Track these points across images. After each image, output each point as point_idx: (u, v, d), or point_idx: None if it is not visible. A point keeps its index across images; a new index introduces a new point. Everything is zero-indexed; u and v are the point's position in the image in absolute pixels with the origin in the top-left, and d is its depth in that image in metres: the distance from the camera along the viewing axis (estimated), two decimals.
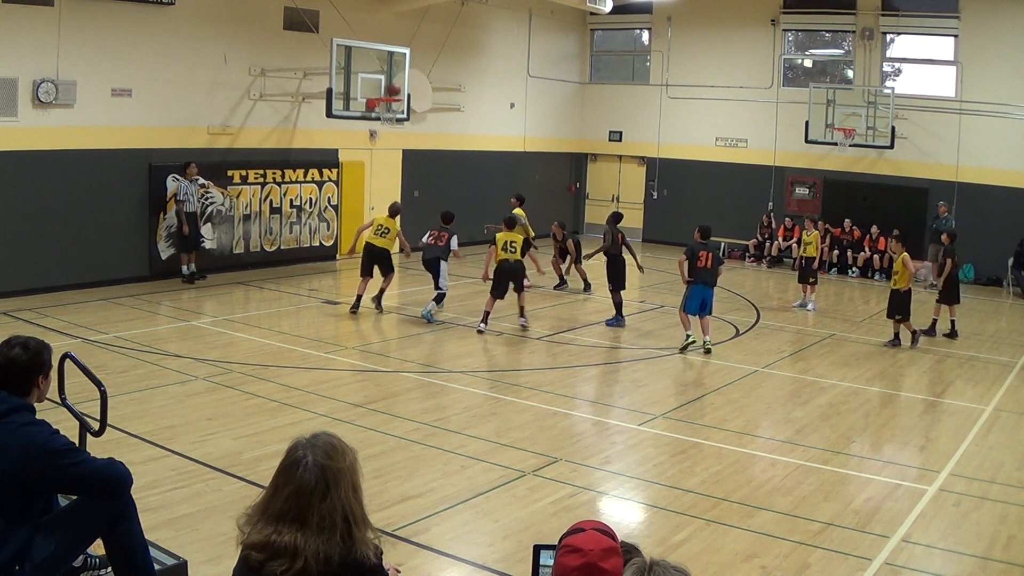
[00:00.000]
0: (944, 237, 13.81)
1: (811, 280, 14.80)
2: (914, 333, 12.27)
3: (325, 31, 15.66)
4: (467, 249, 19.25)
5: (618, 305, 12.87)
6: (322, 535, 2.72)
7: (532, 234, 15.06)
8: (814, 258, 14.89)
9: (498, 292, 12.16)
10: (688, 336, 11.41)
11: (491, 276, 12.40)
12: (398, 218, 13.27)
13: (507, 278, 12.17)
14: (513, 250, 12.24)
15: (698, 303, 11.44)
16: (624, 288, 13.05)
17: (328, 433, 2.91)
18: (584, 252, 15.23)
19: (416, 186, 18.85)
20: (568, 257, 15.69)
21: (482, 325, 11.99)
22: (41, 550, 3.78)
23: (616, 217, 13.51)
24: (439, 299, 12.93)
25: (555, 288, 15.52)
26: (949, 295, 13.11)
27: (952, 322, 13.11)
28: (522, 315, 12.41)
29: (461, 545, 5.81)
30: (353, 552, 2.76)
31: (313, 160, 16.79)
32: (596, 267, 14.70)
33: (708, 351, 11.35)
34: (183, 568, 4.66)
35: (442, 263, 12.85)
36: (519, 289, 12.35)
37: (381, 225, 13.23)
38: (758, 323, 13.53)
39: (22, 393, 3.83)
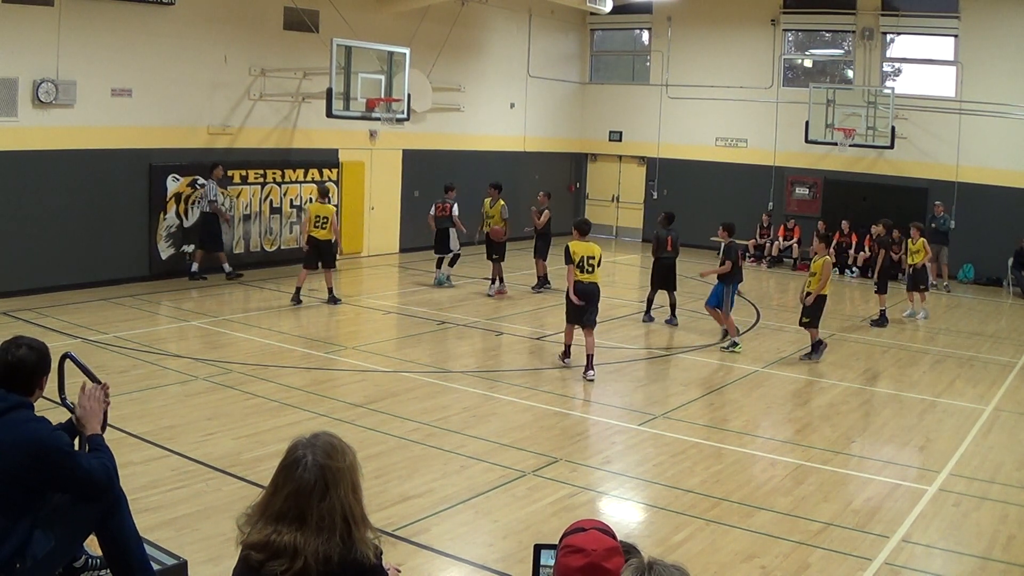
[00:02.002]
0: (878, 227, 14.18)
1: (922, 287, 14.59)
2: (816, 344, 11.35)
3: (325, 31, 15.66)
4: (465, 249, 19.33)
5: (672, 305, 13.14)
6: (321, 535, 2.72)
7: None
8: (923, 265, 14.56)
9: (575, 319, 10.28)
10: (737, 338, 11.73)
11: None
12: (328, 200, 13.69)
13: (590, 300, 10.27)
14: (591, 269, 10.28)
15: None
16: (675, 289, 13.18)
17: (328, 433, 2.91)
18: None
19: (416, 186, 18.85)
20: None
21: (567, 360, 10.50)
22: (41, 546, 3.80)
23: (666, 218, 13.27)
24: (453, 260, 14.94)
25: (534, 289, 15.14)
26: (881, 286, 13.70)
27: (882, 311, 13.68)
28: (589, 367, 10.15)
29: (461, 545, 5.81)
30: (353, 552, 2.75)
31: (313, 160, 16.78)
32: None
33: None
34: (183, 568, 4.66)
35: (451, 230, 14.76)
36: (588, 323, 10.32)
37: (318, 215, 13.33)
38: (758, 323, 13.53)
39: (27, 392, 3.87)
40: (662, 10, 21.86)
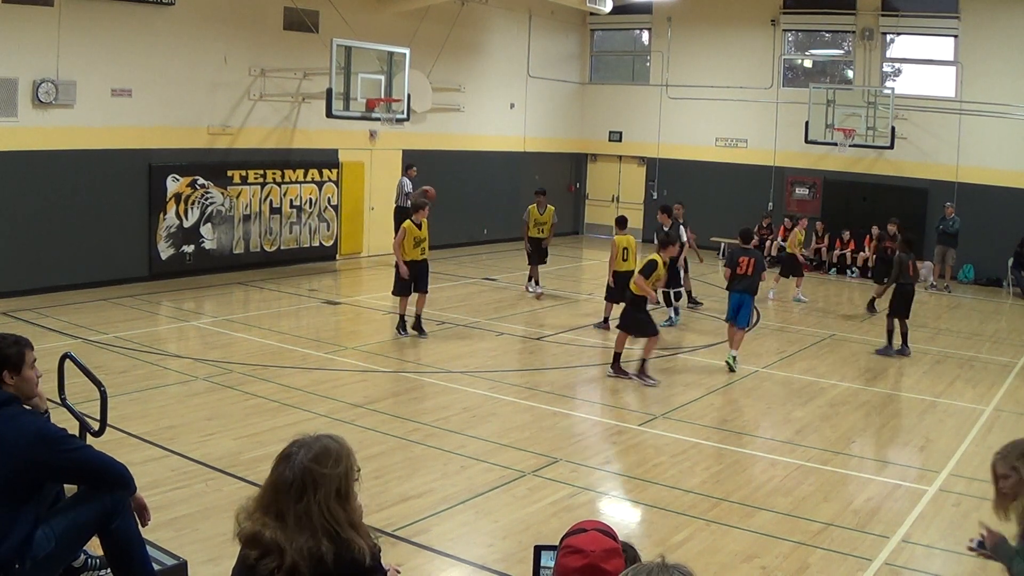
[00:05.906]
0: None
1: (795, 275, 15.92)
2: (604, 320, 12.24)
3: (325, 31, 15.66)
4: (465, 250, 19.42)
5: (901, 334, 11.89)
6: (303, 533, 2.72)
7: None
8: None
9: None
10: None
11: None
12: None
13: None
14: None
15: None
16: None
17: (331, 437, 2.89)
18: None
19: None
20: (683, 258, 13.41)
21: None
22: (42, 547, 3.80)
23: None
24: (677, 296, 13.25)
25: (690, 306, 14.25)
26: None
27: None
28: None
29: (461, 545, 5.81)
30: (348, 552, 2.75)
31: (313, 160, 16.78)
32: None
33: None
34: (183, 568, 4.66)
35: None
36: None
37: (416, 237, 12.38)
38: (758, 323, 13.52)
39: None
40: (662, 10, 21.86)
